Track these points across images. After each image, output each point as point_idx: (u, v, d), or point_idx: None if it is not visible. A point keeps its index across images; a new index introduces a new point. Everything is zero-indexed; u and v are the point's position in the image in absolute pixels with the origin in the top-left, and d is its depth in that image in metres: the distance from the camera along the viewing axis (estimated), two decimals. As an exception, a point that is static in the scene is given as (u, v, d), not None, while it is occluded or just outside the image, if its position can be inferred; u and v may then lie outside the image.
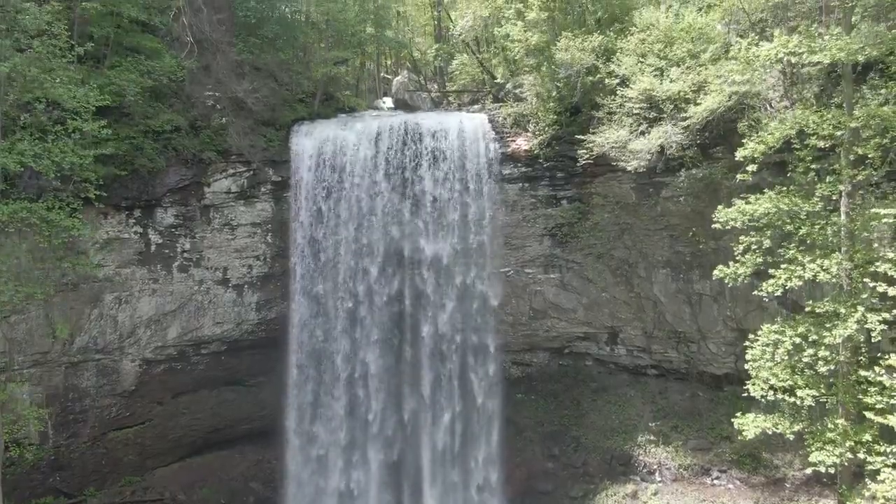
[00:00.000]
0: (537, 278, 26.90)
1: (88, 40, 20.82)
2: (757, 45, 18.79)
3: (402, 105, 36.12)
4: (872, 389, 16.88)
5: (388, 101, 38.69)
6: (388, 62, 44.72)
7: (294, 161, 25.34)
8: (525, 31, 25.74)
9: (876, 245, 18.03)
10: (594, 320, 26.96)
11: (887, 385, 16.41)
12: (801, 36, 17.41)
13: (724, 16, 22.77)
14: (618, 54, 23.97)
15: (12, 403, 18.95)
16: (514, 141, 26.05)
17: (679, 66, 22.45)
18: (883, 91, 17.66)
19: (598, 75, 24.23)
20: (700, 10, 24.08)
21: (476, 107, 31.41)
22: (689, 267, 24.69)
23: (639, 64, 23.13)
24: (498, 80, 29.57)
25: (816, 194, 17.51)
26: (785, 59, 18.16)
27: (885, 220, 16.46)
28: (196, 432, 26.07)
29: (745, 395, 18.61)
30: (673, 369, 26.59)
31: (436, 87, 39.16)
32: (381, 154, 25.03)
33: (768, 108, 21.44)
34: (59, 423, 22.38)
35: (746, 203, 18.18)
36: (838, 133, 17.08)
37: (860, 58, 16.76)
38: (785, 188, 18.04)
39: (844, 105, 17.83)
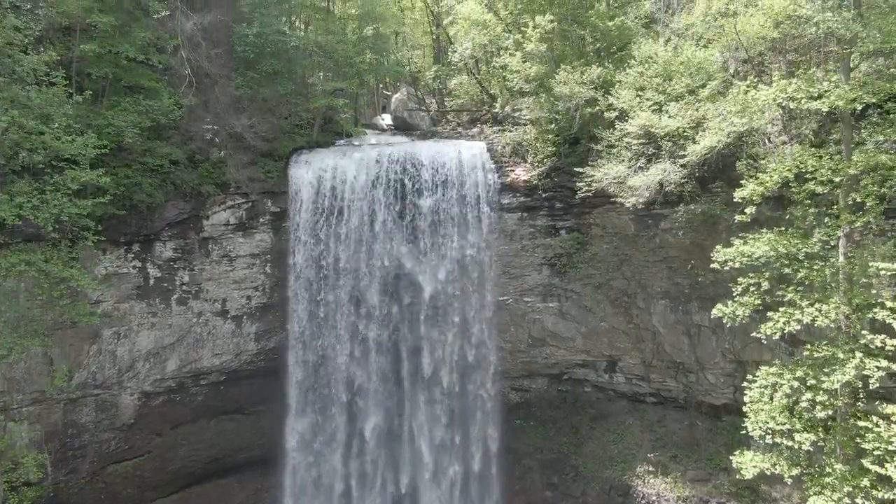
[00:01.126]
0: (536, 307, 26.92)
1: (87, 79, 20.81)
2: (755, 87, 18.78)
3: (400, 123, 35.97)
4: (870, 436, 16.89)
5: (386, 118, 38.54)
6: (387, 79, 44.56)
7: (293, 192, 25.36)
8: (524, 62, 25.70)
9: (874, 291, 18.00)
10: (593, 349, 26.99)
11: (884, 436, 16.42)
12: (800, 80, 17.39)
13: (724, 50, 22.72)
14: (616, 87, 23.92)
15: (11, 451, 18.90)
16: (513, 171, 26.07)
17: (678, 101, 22.38)
18: (881, 137, 17.61)
19: (597, 107, 24.20)
20: (698, 42, 23.99)
21: (475, 129, 31.40)
22: (688, 299, 24.68)
23: (637, 98, 23.07)
24: (496, 109, 29.54)
25: (814, 237, 17.51)
26: (784, 102, 18.15)
27: (882, 271, 16.44)
28: (195, 462, 26.07)
29: (744, 431, 18.61)
30: (672, 398, 26.58)
31: (434, 103, 38.99)
32: (380, 185, 25.09)
33: (767, 142, 21.40)
34: (58, 460, 22.36)
35: (744, 244, 18.16)
36: (836, 179, 17.06)
37: (858, 106, 16.77)
38: (783, 228, 18.01)
39: (843, 148, 17.83)
